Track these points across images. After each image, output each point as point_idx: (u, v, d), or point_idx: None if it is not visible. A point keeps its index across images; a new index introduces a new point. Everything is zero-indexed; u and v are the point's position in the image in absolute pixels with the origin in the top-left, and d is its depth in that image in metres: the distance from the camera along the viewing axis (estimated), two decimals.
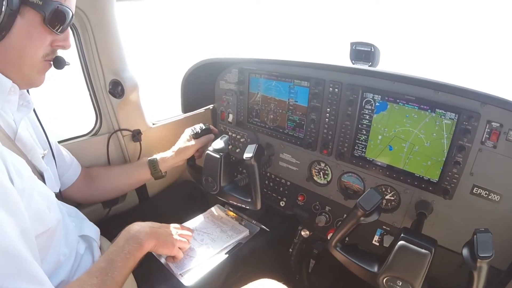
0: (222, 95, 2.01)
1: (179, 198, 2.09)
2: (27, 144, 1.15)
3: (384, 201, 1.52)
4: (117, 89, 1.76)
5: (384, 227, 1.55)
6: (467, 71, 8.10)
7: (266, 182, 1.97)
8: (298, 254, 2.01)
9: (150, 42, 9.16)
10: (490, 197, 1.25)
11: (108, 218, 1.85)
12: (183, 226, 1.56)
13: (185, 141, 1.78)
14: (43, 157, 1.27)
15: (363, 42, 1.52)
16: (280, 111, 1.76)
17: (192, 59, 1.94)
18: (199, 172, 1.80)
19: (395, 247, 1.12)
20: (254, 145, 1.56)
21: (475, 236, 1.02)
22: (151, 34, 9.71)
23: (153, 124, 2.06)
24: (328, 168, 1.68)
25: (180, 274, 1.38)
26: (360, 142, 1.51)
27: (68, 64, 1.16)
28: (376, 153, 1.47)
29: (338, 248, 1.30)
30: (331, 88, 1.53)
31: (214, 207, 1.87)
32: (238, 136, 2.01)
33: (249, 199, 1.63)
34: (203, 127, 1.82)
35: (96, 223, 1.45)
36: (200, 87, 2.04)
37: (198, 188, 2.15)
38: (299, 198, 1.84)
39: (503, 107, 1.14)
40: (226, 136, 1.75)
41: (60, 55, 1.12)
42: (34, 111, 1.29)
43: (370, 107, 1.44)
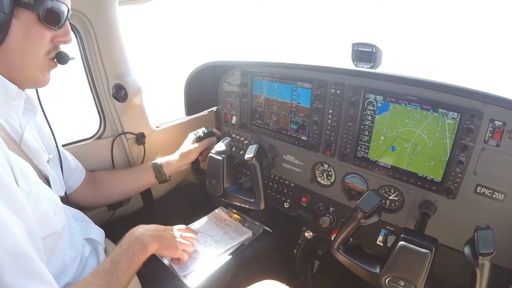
0: (225, 97, 2.04)
1: (183, 200, 2.12)
2: (32, 149, 1.17)
3: (388, 201, 1.54)
4: (120, 93, 1.79)
5: (388, 227, 1.56)
6: (469, 70, 8.05)
7: (270, 183, 1.99)
8: (302, 255, 2.03)
9: (153, 45, 9.21)
10: (494, 196, 1.26)
11: (113, 220, 1.87)
12: (187, 228, 1.58)
13: (188, 145, 1.81)
14: (48, 161, 1.29)
15: (364, 42, 1.54)
16: (283, 113, 1.78)
17: (195, 61, 1.97)
18: (203, 176, 1.83)
19: (396, 247, 1.14)
20: (255, 145, 1.58)
21: (476, 233, 1.03)
22: (154, 37, 9.76)
23: (156, 127, 2.09)
24: (332, 169, 1.70)
25: (183, 276, 1.40)
26: (362, 143, 1.53)
27: (73, 58, 1.16)
28: (379, 153, 1.49)
29: (340, 251, 1.31)
30: (333, 90, 1.55)
31: (218, 209, 1.89)
32: (241, 138, 2.03)
33: (252, 200, 1.66)
34: (206, 130, 1.86)
35: (101, 225, 1.47)
36: (203, 90, 2.06)
37: (201, 191, 2.16)
38: (303, 200, 1.86)
39: (506, 107, 1.15)
40: (228, 139, 1.78)
41: (63, 51, 1.12)
42: (44, 113, 1.30)
43: (372, 108, 1.46)
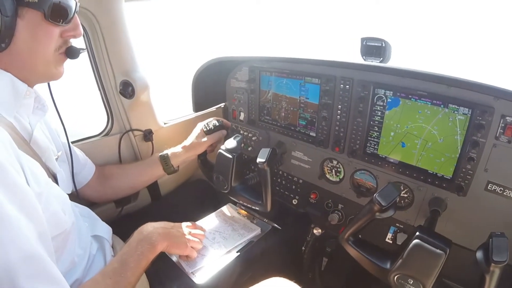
0: (233, 93, 2.06)
1: (191, 197, 2.14)
2: (42, 147, 1.18)
3: (398, 198, 1.54)
4: (127, 89, 1.81)
5: (398, 224, 1.57)
6: (479, 65, 7.94)
7: (278, 180, 2.01)
8: (311, 253, 2.04)
9: (159, 41, 9.27)
10: (505, 193, 1.25)
11: (121, 217, 1.89)
12: (195, 225, 1.61)
13: (197, 136, 1.81)
14: (57, 159, 1.31)
15: (374, 37, 1.54)
16: (292, 108, 1.80)
17: (202, 58, 1.99)
18: (209, 169, 1.84)
19: (410, 245, 1.14)
20: (268, 149, 1.58)
21: (490, 239, 1.03)
22: (161, 33, 9.81)
23: (164, 123, 2.12)
24: (341, 166, 1.70)
25: (191, 273, 1.43)
26: (372, 139, 1.53)
27: (84, 50, 1.16)
28: (388, 150, 1.50)
29: (350, 242, 1.32)
30: (342, 85, 1.55)
31: (226, 205, 1.93)
32: (250, 135, 2.05)
33: (259, 201, 1.67)
34: (216, 123, 1.84)
35: (108, 222, 1.50)
36: (211, 86, 2.08)
37: (210, 187, 2.19)
38: (312, 196, 1.87)
39: None
40: (240, 136, 1.77)
41: (73, 45, 1.12)
42: (56, 109, 1.31)
43: (382, 104, 1.46)
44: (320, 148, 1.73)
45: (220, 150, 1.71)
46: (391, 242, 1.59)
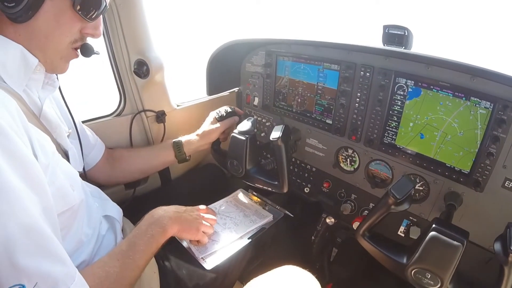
0: (248, 78, 2.06)
1: (202, 181, 2.16)
2: (52, 122, 1.19)
3: (413, 191, 1.54)
4: (142, 69, 1.81)
5: (411, 217, 1.57)
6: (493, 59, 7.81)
7: (291, 167, 2.02)
8: (320, 242, 2.05)
9: (176, 21, 9.23)
10: None
11: (130, 199, 1.89)
12: (208, 209, 1.62)
13: (209, 124, 1.83)
14: (68, 135, 1.32)
15: (396, 25, 1.53)
16: (308, 95, 1.80)
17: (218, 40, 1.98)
18: (223, 157, 1.85)
19: (426, 237, 1.14)
20: (281, 125, 1.59)
21: (508, 230, 1.03)
22: (178, 13, 9.77)
23: (177, 105, 2.13)
24: (356, 155, 1.71)
25: (201, 258, 1.44)
26: (390, 129, 1.54)
27: (98, 53, 1.19)
28: (406, 140, 1.50)
29: (366, 237, 1.32)
30: (362, 72, 1.55)
31: (238, 191, 1.94)
32: (263, 120, 2.06)
33: (275, 182, 1.68)
34: (228, 110, 1.87)
35: (118, 204, 1.50)
36: (226, 70, 2.08)
37: (221, 172, 2.21)
38: (324, 185, 1.88)
39: None
40: (252, 118, 1.78)
41: (89, 43, 1.15)
42: (60, 90, 1.32)
43: (402, 93, 1.46)
44: (336, 136, 1.73)
45: (232, 134, 1.71)
46: (403, 235, 1.60)
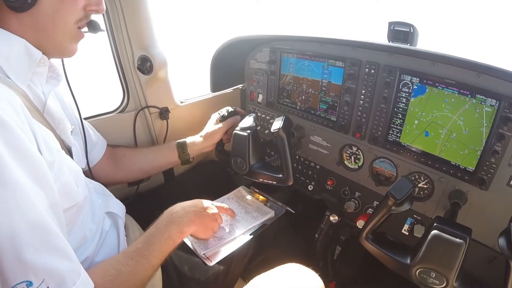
0: (252, 74, 2.08)
1: (205, 178, 2.17)
2: (55, 117, 1.20)
3: (417, 189, 1.56)
4: (145, 65, 1.83)
5: (415, 216, 1.59)
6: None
7: (295, 165, 2.03)
8: (324, 240, 2.06)
9: (181, 18, 9.24)
10: None
11: (134, 196, 1.89)
12: (227, 209, 1.62)
13: (212, 125, 1.85)
14: (72, 132, 1.33)
15: (401, 21, 1.54)
16: (312, 91, 1.82)
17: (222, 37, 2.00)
18: (228, 157, 1.84)
19: (428, 236, 1.14)
20: (282, 116, 1.60)
21: (511, 224, 1.05)
22: (182, 9, 9.78)
23: (181, 102, 2.15)
24: (360, 153, 1.73)
25: (203, 254, 1.47)
26: (395, 127, 1.55)
27: (103, 30, 1.22)
28: (411, 138, 1.52)
29: (369, 240, 1.34)
30: (367, 69, 1.57)
31: (239, 188, 1.96)
32: (267, 117, 2.09)
33: (280, 175, 1.67)
34: (230, 109, 1.88)
35: (121, 200, 1.51)
36: (229, 66, 2.10)
37: (223, 169, 2.23)
38: (328, 183, 1.90)
39: None
40: (254, 114, 1.79)
41: (95, 19, 1.15)
42: (68, 83, 1.34)
43: (407, 90, 1.47)
44: (340, 134, 1.75)
45: (234, 131, 1.71)
46: (407, 233, 1.61)
